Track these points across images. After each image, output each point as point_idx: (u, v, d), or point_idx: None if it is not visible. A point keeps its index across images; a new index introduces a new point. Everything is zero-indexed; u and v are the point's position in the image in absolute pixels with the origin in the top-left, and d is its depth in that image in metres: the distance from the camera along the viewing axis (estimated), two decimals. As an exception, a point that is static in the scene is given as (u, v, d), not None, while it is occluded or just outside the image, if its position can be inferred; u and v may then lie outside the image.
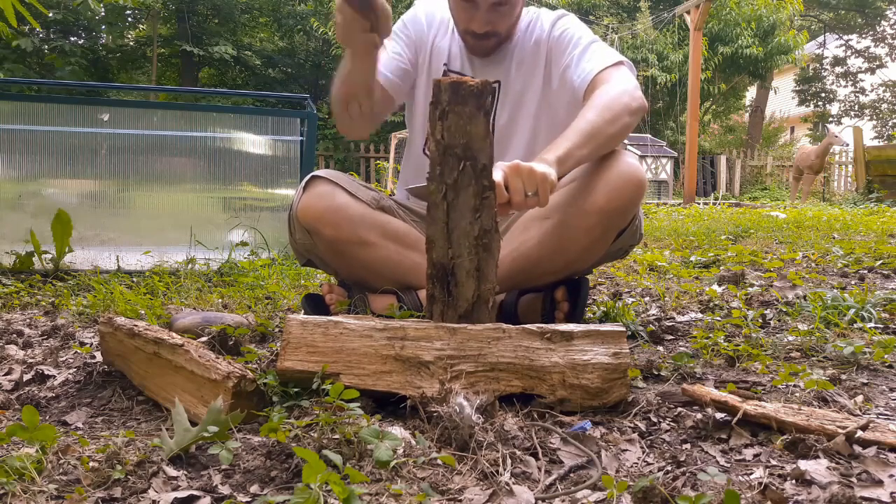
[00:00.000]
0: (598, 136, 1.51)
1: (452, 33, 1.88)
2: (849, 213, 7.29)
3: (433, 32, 1.89)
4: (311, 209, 1.68)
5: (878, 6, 23.28)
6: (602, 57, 1.70)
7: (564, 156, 1.45)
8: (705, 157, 16.81)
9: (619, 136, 1.56)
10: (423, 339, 1.20)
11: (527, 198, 1.34)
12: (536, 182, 1.34)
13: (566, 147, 1.46)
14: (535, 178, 1.34)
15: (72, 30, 16.90)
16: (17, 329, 1.86)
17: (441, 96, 1.25)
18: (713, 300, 2.22)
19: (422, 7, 1.94)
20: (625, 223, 1.65)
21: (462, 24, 1.77)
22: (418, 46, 1.89)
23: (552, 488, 0.92)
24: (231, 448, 0.96)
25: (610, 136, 1.53)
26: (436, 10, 1.92)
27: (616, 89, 1.59)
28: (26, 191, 3.28)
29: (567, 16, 1.87)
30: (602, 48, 1.75)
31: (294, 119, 3.50)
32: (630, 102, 1.57)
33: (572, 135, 1.49)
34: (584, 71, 1.69)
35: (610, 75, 1.65)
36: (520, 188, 1.34)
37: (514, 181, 1.34)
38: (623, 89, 1.59)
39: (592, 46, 1.75)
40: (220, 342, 1.52)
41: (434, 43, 1.88)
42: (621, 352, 1.20)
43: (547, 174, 1.35)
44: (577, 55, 1.74)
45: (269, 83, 18.77)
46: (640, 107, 1.59)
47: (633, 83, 1.63)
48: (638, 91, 1.62)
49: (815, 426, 1.04)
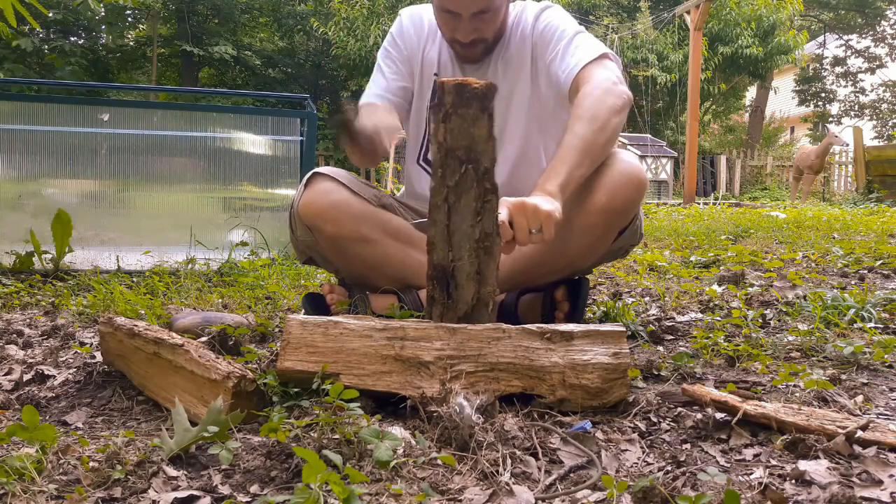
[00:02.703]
0: (591, 151, 1.52)
1: (440, 38, 1.86)
2: (849, 213, 7.29)
3: (422, 42, 1.87)
4: (313, 206, 1.68)
5: (878, 6, 23.28)
6: (586, 50, 1.68)
7: (566, 182, 1.46)
8: (705, 157, 16.82)
9: (611, 141, 1.58)
10: (423, 339, 1.20)
11: (531, 234, 1.36)
12: (541, 220, 1.35)
13: (566, 172, 1.46)
14: (539, 217, 1.35)
15: (72, 30, 16.90)
16: (17, 329, 1.86)
17: (445, 98, 1.24)
18: (713, 300, 2.22)
19: (407, 16, 1.91)
20: (626, 222, 1.66)
21: (448, 35, 1.76)
22: (411, 60, 1.87)
23: (552, 488, 0.92)
24: (231, 448, 0.96)
25: (603, 145, 1.55)
26: (423, 15, 1.90)
27: (599, 89, 1.58)
28: (26, 191, 3.28)
29: (551, 7, 1.83)
30: (586, 40, 1.73)
31: (294, 119, 3.50)
32: (615, 102, 1.57)
33: (568, 156, 1.49)
34: (569, 66, 1.68)
35: (592, 71, 1.63)
36: (524, 227, 1.35)
37: (519, 219, 1.34)
38: (606, 88, 1.58)
39: (576, 39, 1.72)
40: (220, 342, 1.52)
41: (424, 54, 1.87)
42: (621, 352, 1.20)
43: (552, 212, 1.36)
44: (561, 49, 1.72)
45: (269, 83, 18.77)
46: (625, 103, 1.59)
47: (616, 77, 1.62)
48: (621, 85, 1.61)
49: (815, 426, 1.04)
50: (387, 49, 1.89)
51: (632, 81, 15.33)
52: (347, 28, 15.23)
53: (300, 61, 19.55)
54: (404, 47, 1.88)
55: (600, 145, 1.54)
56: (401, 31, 1.89)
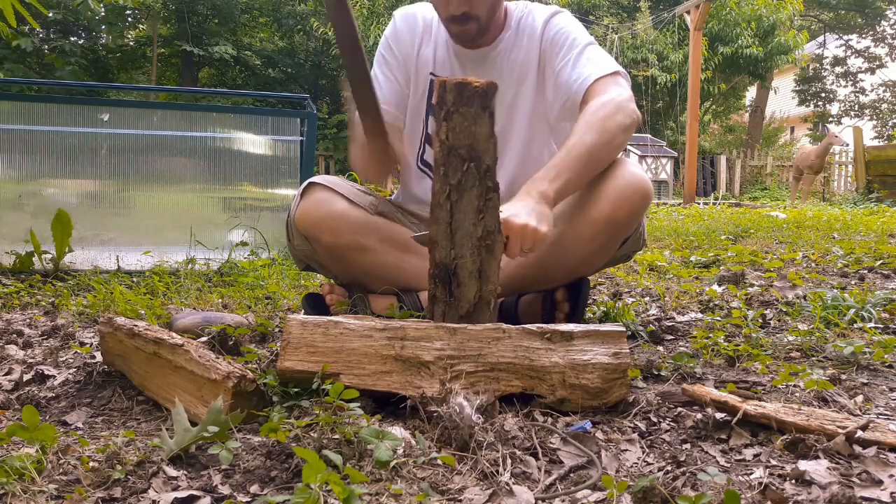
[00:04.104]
0: (593, 161, 1.53)
1: (435, 34, 1.84)
2: (849, 213, 7.30)
3: (417, 42, 1.85)
4: (309, 216, 1.68)
5: (878, 6, 23.27)
6: (599, 64, 1.68)
7: (563, 189, 1.48)
8: (705, 157, 16.82)
9: (613, 156, 1.59)
10: (423, 339, 1.20)
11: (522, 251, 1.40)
12: (534, 243, 1.38)
13: (565, 179, 1.48)
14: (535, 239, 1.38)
15: (72, 30, 16.90)
16: (17, 329, 1.86)
17: (446, 97, 1.25)
18: (713, 300, 2.22)
19: (401, 17, 1.88)
20: (630, 231, 1.65)
21: (442, 12, 1.71)
22: (406, 63, 1.85)
23: (552, 488, 0.92)
24: (231, 448, 0.96)
25: (605, 159, 1.56)
26: (416, 14, 1.87)
27: (612, 104, 1.58)
28: (26, 191, 3.28)
29: (561, 13, 1.81)
30: (599, 53, 1.72)
31: (294, 119, 3.50)
32: (624, 120, 1.57)
33: (572, 163, 1.49)
34: (582, 76, 1.67)
35: (606, 86, 1.63)
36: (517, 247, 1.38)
37: (514, 240, 1.37)
38: (618, 104, 1.58)
39: (588, 50, 1.71)
40: (220, 342, 1.52)
41: (419, 54, 1.84)
42: (621, 352, 1.20)
43: (545, 236, 1.39)
44: (573, 57, 1.70)
45: (269, 83, 18.78)
46: (633, 123, 1.60)
47: (627, 95, 1.63)
48: (631, 105, 1.61)
49: (815, 426, 1.04)
50: (382, 55, 1.87)
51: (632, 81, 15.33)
52: (347, 28, 15.22)
53: (300, 61, 19.55)
54: (398, 51, 1.85)
55: (603, 159, 1.55)
56: (395, 35, 1.87)
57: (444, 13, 1.72)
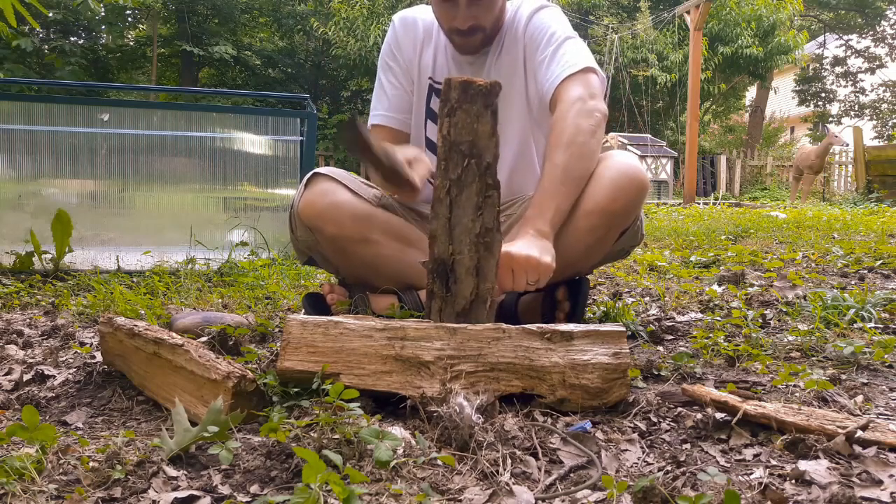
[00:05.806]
0: (574, 179, 1.57)
1: (435, 39, 1.86)
2: (849, 213, 7.29)
3: (418, 48, 1.87)
4: (313, 206, 1.68)
5: (878, 6, 23.28)
6: (570, 61, 1.68)
7: (555, 218, 1.53)
8: (705, 157, 16.82)
9: (592, 162, 1.61)
10: (423, 339, 1.20)
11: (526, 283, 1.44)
12: (539, 274, 1.42)
13: (554, 207, 1.52)
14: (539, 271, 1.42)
15: (72, 30, 16.91)
16: (17, 329, 1.86)
17: (450, 94, 1.28)
18: (713, 300, 2.22)
19: (400, 22, 1.90)
20: (627, 223, 1.66)
21: (446, 24, 1.75)
22: (409, 69, 1.88)
23: (552, 488, 0.92)
24: (231, 448, 0.96)
25: (584, 170, 1.59)
26: (416, 20, 1.89)
27: (572, 112, 1.59)
28: (26, 191, 3.28)
29: (546, 7, 1.82)
30: (574, 48, 1.72)
31: (294, 119, 3.50)
32: (589, 124, 1.59)
33: (552, 188, 1.54)
34: (550, 77, 1.69)
35: (572, 87, 1.64)
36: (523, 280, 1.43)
37: (520, 273, 1.42)
38: (578, 110, 1.59)
39: (564, 46, 1.72)
40: (220, 342, 1.52)
41: (420, 60, 1.87)
42: (621, 352, 1.20)
43: (549, 267, 1.43)
44: (548, 55, 1.72)
45: (269, 83, 18.78)
46: (598, 122, 1.61)
47: (590, 92, 1.63)
48: (595, 101, 1.62)
49: (815, 426, 1.04)
50: (386, 62, 1.90)
51: (632, 81, 15.35)
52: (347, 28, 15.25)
53: (300, 61, 19.55)
54: (402, 58, 1.88)
55: (581, 171, 1.58)
56: (396, 42, 1.89)
57: (448, 26, 1.74)
